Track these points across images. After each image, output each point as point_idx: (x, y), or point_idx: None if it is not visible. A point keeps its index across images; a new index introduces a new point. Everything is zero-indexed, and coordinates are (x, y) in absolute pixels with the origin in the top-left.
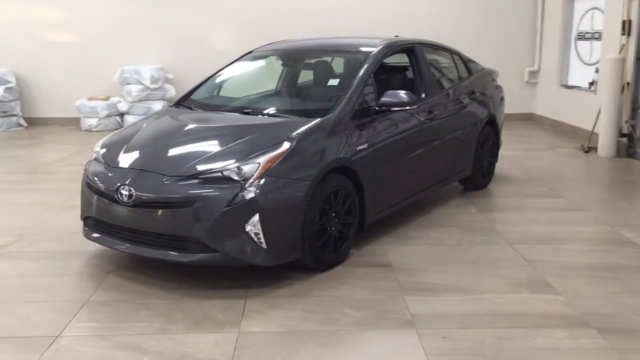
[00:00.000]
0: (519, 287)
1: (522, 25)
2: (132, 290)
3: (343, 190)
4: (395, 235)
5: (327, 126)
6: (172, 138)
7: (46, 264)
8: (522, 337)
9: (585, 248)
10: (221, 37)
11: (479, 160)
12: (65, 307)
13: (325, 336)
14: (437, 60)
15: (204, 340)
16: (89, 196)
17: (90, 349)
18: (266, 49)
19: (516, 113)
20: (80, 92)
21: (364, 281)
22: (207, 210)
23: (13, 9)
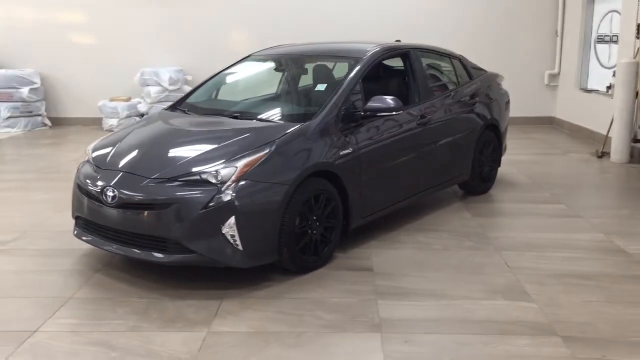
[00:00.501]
0: (495, 294)
1: (542, 28)
2: (115, 288)
3: (325, 194)
4: (384, 239)
5: (309, 131)
6: (159, 141)
7: (40, 261)
8: (485, 343)
9: (572, 256)
10: (239, 39)
11: (479, 165)
12: (49, 304)
13: (292, 337)
14: (435, 65)
15: (172, 339)
16: (79, 196)
17: (63, 344)
18: (261, 54)
19: (536, 117)
20: (103, 93)
21: (341, 284)
22: (184, 212)
23: (39, 12)
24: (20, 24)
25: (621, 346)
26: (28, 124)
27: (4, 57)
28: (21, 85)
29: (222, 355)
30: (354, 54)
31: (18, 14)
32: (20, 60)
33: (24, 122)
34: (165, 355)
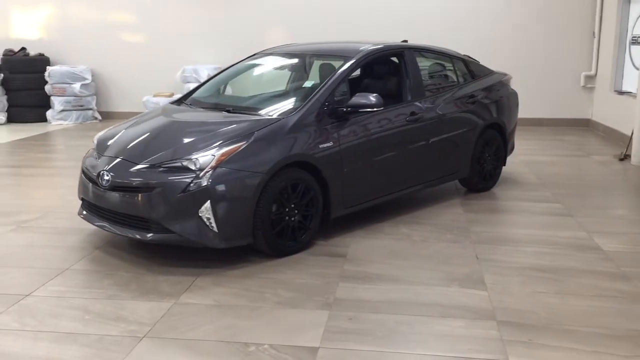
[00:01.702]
0: (452, 282)
1: (579, 29)
2: (108, 263)
3: (303, 183)
4: (369, 229)
5: (289, 125)
6: (155, 131)
7: (50, 238)
8: (422, 323)
9: (544, 251)
10: (275, 38)
11: (480, 163)
12: (46, 273)
13: (247, 311)
14: (435, 65)
15: (142, 307)
16: (83, 180)
17: (47, 306)
18: (264, 53)
19: (571, 118)
20: (147, 89)
21: (312, 268)
22: (165, 195)
23: (91, 13)
24: (74, 24)
25: (551, 332)
26: (79, 117)
27: (59, 55)
28: (74, 80)
29: (180, 322)
30: (345, 53)
31: (72, 14)
32: (73, 58)
33: (76, 115)
34: (131, 319)
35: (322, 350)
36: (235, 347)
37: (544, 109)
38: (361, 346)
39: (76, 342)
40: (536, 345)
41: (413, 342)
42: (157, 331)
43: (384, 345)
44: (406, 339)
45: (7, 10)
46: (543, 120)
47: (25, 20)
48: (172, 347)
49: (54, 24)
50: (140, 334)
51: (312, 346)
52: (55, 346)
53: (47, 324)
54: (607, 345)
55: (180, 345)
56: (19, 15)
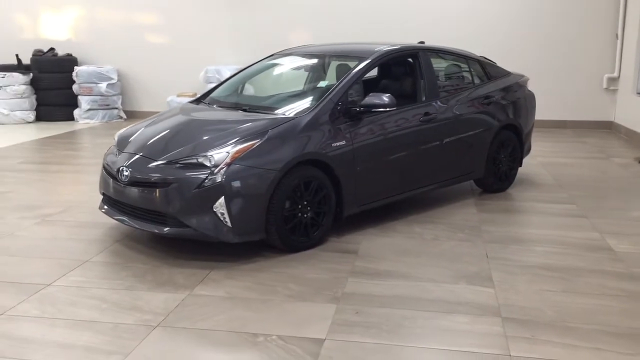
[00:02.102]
0: (460, 279)
1: (602, 31)
2: (126, 255)
3: (316, 181)
4: (382, 227)
5: (302, 124)
6: (173, 129)
7: (72, 231)
8: (426, 318)
9: (555, 251)
10: (298, 38)
11: (495, 164)
12: (67, 264)
13: (257, 303)
14: (450, 66)
15: (157, 298)
16: (104, 176)
17: (67, 296)
18: (282, 54)
19: (593, 120)
20: (171, 89)
21: (323, 263)
22: (181, 191)
23: (118, 14)
24: (100, 25)
25: (555, 329)
26: (105, 116)
27: (86, 55)
28: (100, 80)
29: (192, 312)
30: (360, 54)
31: (99, 16)
32: (100, 58)
33: (102, 114)
34: (146, 309)
35: (328, 341)
36: (245, 337)
37: (566, 111)
38: (366, 339)
39: (91, 329)
40: (538, 342)
41: (416, 336)
42: (170, 321)
43: (388, 338)
44: (410, 332)
45: (37, 12)
46: (566, 122)
47: (54, 22)
48: (183, 336)
49: (81, 25)
50: (154, 323)
51: (318, 338)
52: (71, 332)
53: (65, 311)
54: (609, 342)
55: (192, 335)
56: (48, 16)
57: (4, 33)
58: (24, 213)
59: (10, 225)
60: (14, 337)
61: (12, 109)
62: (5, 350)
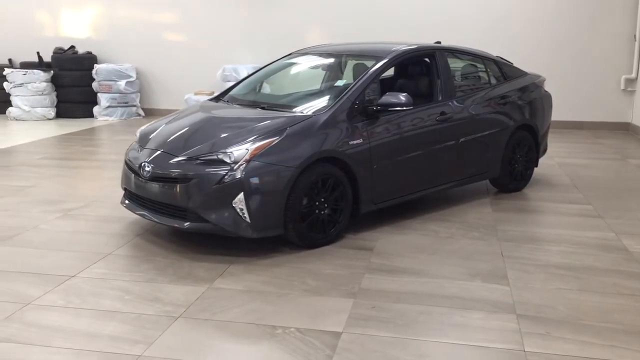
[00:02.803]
0: (475, 277)
1: (619, 32)
2: (147, 249)
3: (332, 178)
4: (398, 225)
5: (319, 122)
6: (192, 126)
7: (95, 225)
8: (441, 314)
9: (569, 250)
10: (315, 38)
11: (511, 164)
12: (90, 257)
13: (275, 297)
14: (467, 66)
15: (178, 290)
16: (125, 171)
17: (91, 287)
18: (299, 53)
19: (611, 122)
20: (189, 87)
21: (340, 259)
22: (201, 186)
23: (136, 13)
24: (120, 24)
25: (569, 326)
26: (124, 113)
27: (106, 53)
28: (119, 78)
29: (212, 304)
30: (377, 54)
31: (119, 15)
32: (119, 56)
33: (121, 112)
34: (167, 301)
35: (345, 334)
36: (263, 329)
37: (584, 111)
38: (382, 332)
39: (115, 319)
40: (553, 338)
41: (431, 330)
42: (191, 312)
43: (404, 332)
44: (425, 327)
45: (57, 11)
46: (583, 123)
47: (75, 20)
48: (204, 326)
49: (101, 24)
50: (176, 314)
51: (335, 331)
52: (96, 322)
53: (89, 302)
54: (623, 340)
55: (212, 326)
56: (68, 15)
57: (26, 31)
58: (46, 207)
59: (34, 219)
60: (42, 326)
61: (33, 106)
62: (34, 338)
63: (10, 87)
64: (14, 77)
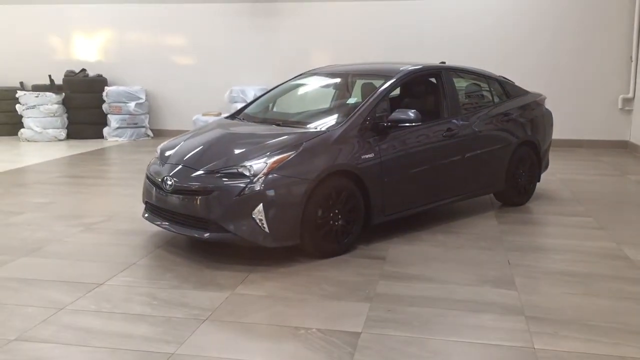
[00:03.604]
0: (485, 283)
1: (616, 52)
2: (169, 259)
3: (346, 191)
4: (407, 236)
5: (333, 137)
6: (213, 142)
7: (117, 237)
8: (455, 316)
9: (574, 258)
10: (320, 59)
11: (514, 178)
12: (115, 266)
13: (295, 301)
14: (471, 84)
15: (202, 296)
16: (147, 186)
17: (119, 293)
18: (310, 73)
19: (608, 140)
20: (197, 108)
21: (354, 268)
22: (222, 198)
23: (146, 36)
24: (130, 47)
25: (576, 326)
26: (133, 134)
27: (116, 75)
28: (129, 100)
29: (237, 308)
30: (386, 73)
31: (129, 38)
32: (129, 78)
33: (130, 133)
34: (193, 305)
35: (364, 334)
36: (287, 330)
37: (583, 130)
38: (399, 332)
39: (146, 321)
40: (561, 337)
41: (446, 330)
42: (218, 315)
43: (420, 332)
44: (440, 328)
45: (69, 35)
46: (582, 141)
47: (86, 44)
48: (231, 328)
49: (112, 47)
50: (203, 317)
51: (355, 331)
52: (128, 324)
53: (120, 307)
54: (627, 338)
55: (238, 327)
56: (80, 39)
57: (38, 55)
58: (68, 222)
59: (57, 233)
60: (77, 328)
61: (44, 127)
62: (72, 339)
63: (23, 109)
64: (26, 99)
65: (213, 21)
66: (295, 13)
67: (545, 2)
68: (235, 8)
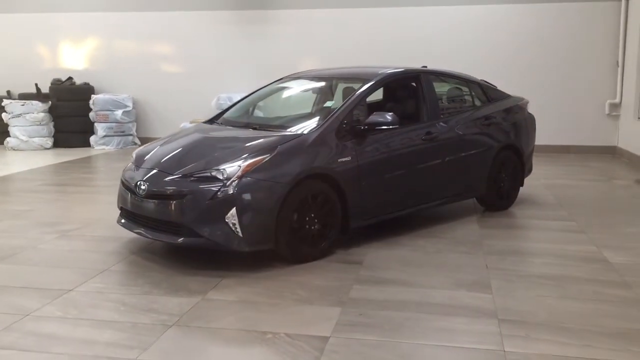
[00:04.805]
0: (460, 286)
1: (603, 58)
2: (143, 265)
3: (322, 194)
4: (387, 241)
5: (309, 140)
6: (188, 146)
7: (91, 244)
8: (427, 320)
9: (552, 262)
10: (308, 66)
11: (496, 183)
12: (87, 273)
13: (266, 306)
14: (452, 88)
15: (172, 302)
16: (122, 191)
17: (88, 299)
18: (292, 77)
19: (596, 146)
20: (184, 116)
21: (329, 272)
22: (194, 202)
23: (133, 44)
24: (117, 55)
25: (548, 329)
26: (120, 142)
27: (103, 83)
28: (116, 108)
29: (205, 314)
30: (365, 77)
31: (116, 46)
32: (116, 86)
33: (117, 141)
34: (161, 311)
35: (333, 339)
36: (254, 335)
37: (570, 136)
38: (368, 336)
39: (112, 327)
40: (532, 339)
41: (416, 334)
42: (185, 320)
43: (389, 336)
44: (410, 331)
45: (56, 43)
46: (570, 147)
47: (72, 52)
48: (197, 333)
49: (98, 55)
50: (170, 322)
51: (323, 335)
52: (93, 330)
53: (86, 313)
54: (599, 340)
55: (205, 332)
56: (66, 47)
57: (25, 63)
58: (44, 229)
59: (32, 240)
60: (40, 334)
61: (30, 136)
62: (33, 346)
63: (9, 118)
64: (12, 107)
65: (200, 29)
66: (283, 21)
67: (534, 9)
68: (222, 16)
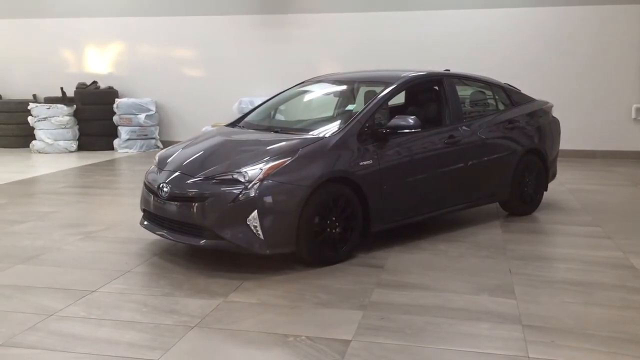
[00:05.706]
0: (482, 291)
1: (629, 62)
2: (164, 267)
3: (344, 198)
4: (408, 245)
5: (331, 143)
6: (209, 149)
7: (114, 246)
8: (449, 324)
9: (577, 267)
10: (329, 69)
11: (520, 187)
12: (110, 274)
13: (287, 309)
14: (475, 92)
15: (193, 303)
16: (145, 193)
17: (111, 300)
18: (313, 80)
19: (623, 150)
20: (206, 119)
21: (350, 276)
22: (216, 205)
23: (156, 49)
24: (140, 60)
25: (573, 335)
26: (143, 145)
27: (127, 88)
28: (139, 111)
29: (227, 316)
30: (387, 80)
31: (139, 51)
32: (139, 90)
33: (140, 144)
34: (183, 312)
35: (354, 342)
36: (275, 337)
37: (596, 141)
38: (390, 340)
39: (134, 328)
40: (557, 346)
41: (439, 339)
42: (206, 322)
43: (411, 340)
44: (432, 336)
45: (81, 48)
46: (596, 152)
47: (97, 57)
48: (218, 335)
49: (122, 60)
50: (192, 324)
51: (345, 339)
52: (116, 331)
53: (109, 313)
54: (626, 347)
55: (226, 334)
56: (91, 52)
57: (51, 67)
58: (68, 230)
59: (56, 241)
60: (64, 334)
61: (55, 139)
62: (57, 345)
63: (35, 121)
64: (38, 111)
65: (222, 33)
66: (304, 24)
67: (558, 13)
68: (243, 20)
